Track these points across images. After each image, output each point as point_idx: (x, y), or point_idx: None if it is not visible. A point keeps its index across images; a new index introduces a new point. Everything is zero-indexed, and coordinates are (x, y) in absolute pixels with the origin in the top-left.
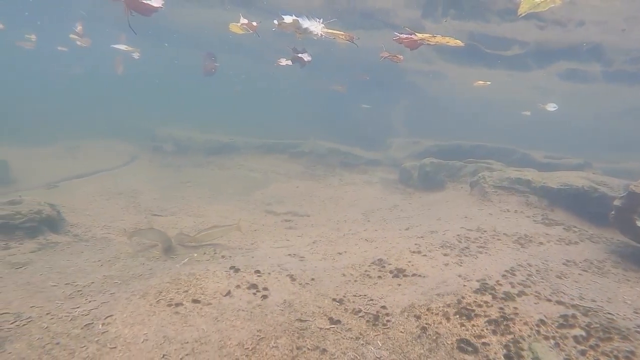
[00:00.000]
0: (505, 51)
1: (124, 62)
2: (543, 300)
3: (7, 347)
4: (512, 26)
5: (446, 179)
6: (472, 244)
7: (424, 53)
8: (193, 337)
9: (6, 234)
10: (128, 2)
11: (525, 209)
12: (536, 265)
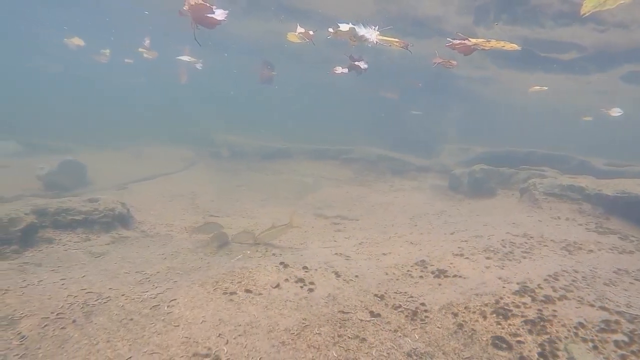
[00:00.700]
0: (561, 54)
1: (187, 72)
2: (585, 305)
3: (93, 319)
4: (568, 30)
5: (496, 185)
6: (517, 249)
7: (476, 59)
8: (245, 321)
9: (87, 227)
10: (194, 16)
11: (578, 216)
12: (583, 272)
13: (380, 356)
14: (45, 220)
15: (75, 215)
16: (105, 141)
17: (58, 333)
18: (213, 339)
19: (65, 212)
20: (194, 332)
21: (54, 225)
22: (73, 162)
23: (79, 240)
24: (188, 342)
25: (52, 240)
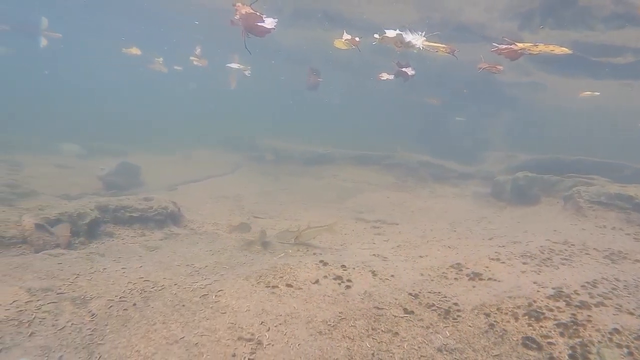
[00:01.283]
0: (614, 58)
1: (236, 79)
2: (624, 313)
3: (150, 303)
4: (622, 33)
5: (541, 193)
6: (556, 255)
7: (522, 64)
8: (285, 311)
9: (142, 223)
10: (245, 25)
11: (626, 226)
12: (625, 280)
13: (412, 349)
14: (107, 216)
15: (133, 213)
16: (157, 145)
17: (121, 313)
18: (256, 325)
19: (124, 209)
20: (239, 319)
21: (114, 221)
22: (129, 164)
23: (135, 235)
24: (233, 327)
25: (113, 234)
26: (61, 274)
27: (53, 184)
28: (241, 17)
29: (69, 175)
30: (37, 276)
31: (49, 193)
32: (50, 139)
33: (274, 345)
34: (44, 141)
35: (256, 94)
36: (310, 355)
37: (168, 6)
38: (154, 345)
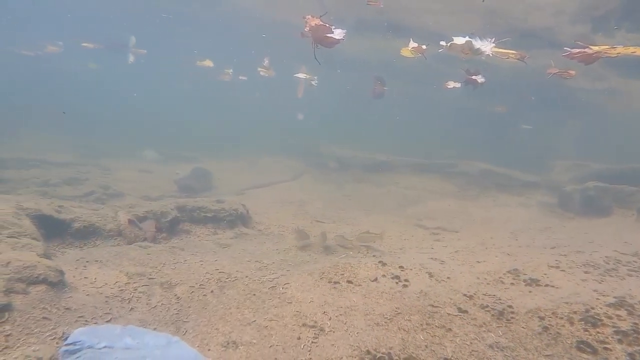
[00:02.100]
0: None
1: (303, 89)
2: None
3: (225, 292)
4: None
5: (612, 204)
6: (623, 266)
7: (595, 69)
8: (345, 304)
9: (215, 223)
10: (314, 37)
11: None
12: None
13: (464, 344)
14: (185, 215)
15: (207, 213)
16: (225, 152)
17: (201, 298)
18: (319, 315)
19: (199, 210)
20: (303, 308)
21: (191, 220)
22: (201, 169)
23: (209, 233)
24: (298, 315)
25: (190, 231)
26: (150, 262)
27: (136, 186)
28: (311, 29)
29: (149, 179)
30: (132, 263)
31: (133, 194)
32: (132, 146)
33: (335, 332)
34: (127, 148)
35: (320, 103)
36: (368, 342)
37: (238, 21)
38: (230, 325)
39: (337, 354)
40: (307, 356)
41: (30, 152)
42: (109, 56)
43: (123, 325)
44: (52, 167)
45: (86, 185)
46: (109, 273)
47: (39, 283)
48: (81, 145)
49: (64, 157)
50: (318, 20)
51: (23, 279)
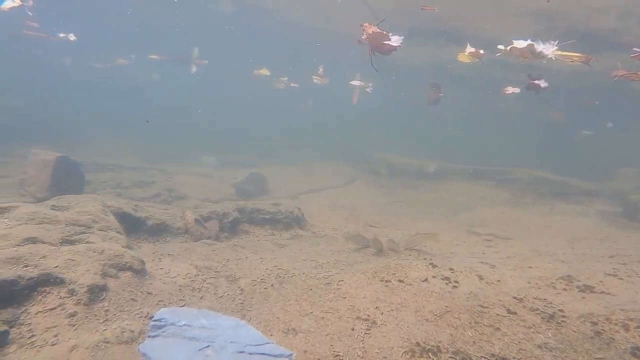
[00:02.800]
0: None
1: (359, 95)
2: None
3: (284, 286)
4: None
5: None
6: None
7: None
8: (397, 301)
9: (272, 225)
10: (372, 44)
11: None
12: None
13: (512, 342)
14: (244, 216)
15: (265, 215)
16: (280, 158)
17: (262, 291)
18: (371, 309)
19: (257, 212)
20: (356, 303)
21: (250, 221)
22: (257, 174)
23: (266, 234)
24: (352, 309)
25: (248, 232)
26: (216, 257)
27: (197, 189)
28: (368, 36)
29: (209, 183)
30: (199, 257)
31: (194, 197)
32: (193, 152)
33: (386, 325)
34: (188, 154)
35: (374, 110)
36: (418, 335)
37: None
38: (289, 315)
39: (389, 344)
40: (361, 345)
41: (105, 156)
42: (172, 67)
43: (198, 309)
44: (123, 171)
45: (153, 188)
46: (181, 265)
47: (126, 270)
48: (147, 150)
49: (132, 161)
50: (375, 27)
51: (114, 265)
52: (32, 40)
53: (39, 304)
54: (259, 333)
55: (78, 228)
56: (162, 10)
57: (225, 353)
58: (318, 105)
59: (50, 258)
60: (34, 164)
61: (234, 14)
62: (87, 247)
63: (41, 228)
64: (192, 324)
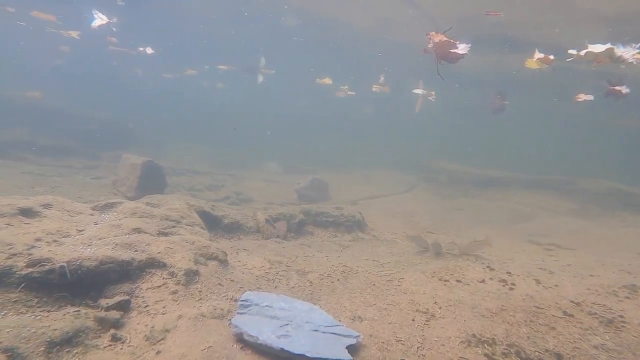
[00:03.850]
0: None
1: (421, 104)
2: None
3: (349, 280)
4: None
5: None
6: None
7: None
8: (454, 298)
9: (335, 227)
10: (438, 52)
11: None
12: None
13: (566, 341)
14: (309, 219)
15: (328, 218)
16: (339, 165)
17: (329, 284)
18: (430, 304)
19: (321, 215)
20: (416, 298)
21: (314, 223)
22: (319, 180)
23: (330, 235)
24: (412, 303)
25: (313, 233)
26: (286, 254)
27: (262, 193)
28: (435, 45)
29: (272, 188)
30: (271, 253)
31: (260, 200)
32: (256, 158)
33: (444, 319)
34: (252, 160)
35: (435, 118)
36: (474, 328)
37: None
38: (355, 305)
39: (446, 334)
40: (420, 333)
41: (178, 161)
42: (236, 77)
43: (277, 294)
44: (195, 175)
45: (223, 191)
46: (255, 259)
47: (212, 259)
48: (214, 156)
49: (202, 166)
50: (442, 36)
51: (203, 254)
52: (118, 55)
53: (148, 282)
54: (330, 316)
55: (170, 222)
56: (231, 23)
57: (302, 330)
58: (377, 113)
59: (153, 245)
60: (124, 167)
61: (298, 26)
62: (180, 238)
63: (142, 221)
64: (272, 305)
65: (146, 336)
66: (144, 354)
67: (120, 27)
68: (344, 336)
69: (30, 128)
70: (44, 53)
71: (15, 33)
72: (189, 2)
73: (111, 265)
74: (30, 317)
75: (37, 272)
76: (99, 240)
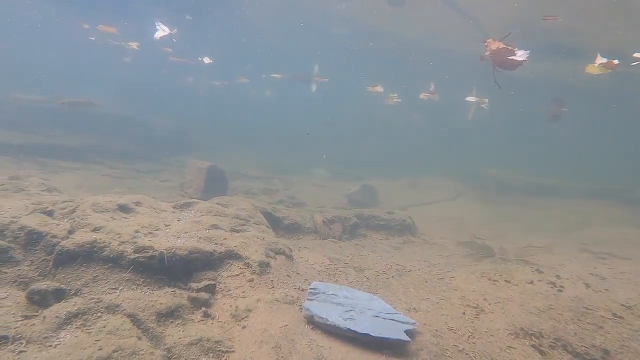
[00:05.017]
0: None
1: (474, 111)
2: None
3: (403, 278)
4: None
5: None
6: None
7: None
8: (503, 296)
9: (387, 230)
10: (496, 60)
11: None
12: None
13: (615, 340)
14: (362, 222)
15: (380, 221)
16: (388, 171)
17: (385, 280)
18: (480, 300)
19: (374, 218)
20: (466, 294)
21: (366, 226)
22: (368, 186)
23: (382, 238)
24: (463, 298)
25: (366, 235)
26: (343, 253)
27: (313, 198)
28: (492, 52)
29: (323, 192)
30: (330, 251)
31: (312, 204)
32: (305, 164)
33: (493, 313)
34: (301, 166)
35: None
36: (522, 323)
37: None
38: (409, 298)
39: (495, 326)
40: (471, 325)
41: (233, 166)
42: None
43: (340, 285)
44: (250, 179)
45: (277, 195)
46: (316, 256)
47: (280, 254)
48: (263, 161)
49: (256, 171)
50: (500, 43)
51: (272, 249)
52: (170, 65)
53: (227, 270)
54: (388, 305)
55: (240, 221)
56: (284, 34)
57: (364, 315)
58: (425, 120)
59: (229, 240)
60: (191, 171)
61: (351, 36)
62: (252, 235)
63: (217, 219)
64: (337, 294)
65: (232, 314)
66: (232, 328)
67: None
68: (401, 322)
69: (103, 134)
70: (114, 64)
71: (90, 47)
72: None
73: (198, 255)
74: (140, 292)
75: (142, 257)
76: (185, 234)
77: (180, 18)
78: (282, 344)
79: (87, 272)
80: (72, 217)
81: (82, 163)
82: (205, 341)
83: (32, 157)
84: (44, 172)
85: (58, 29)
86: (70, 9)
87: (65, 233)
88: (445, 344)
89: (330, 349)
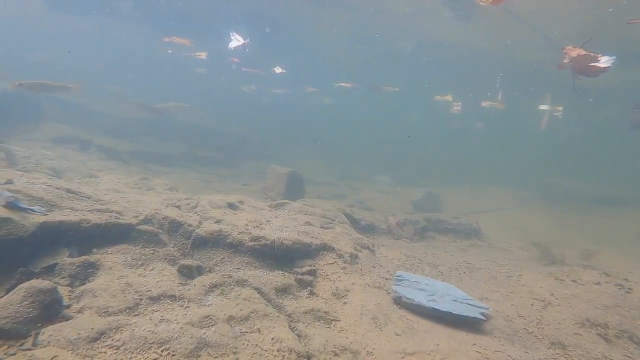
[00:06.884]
0: None
1: (547, 119)
2: None
3: (474, 274)
4: None
5: None
6: None
7: None
8: (569, 293)
9: (453, 234)
10: (576, 67)
11: None
12: None
13: None
14: (430, 225)
15: (448, 225)
16: (450, 178)
17: (457, 275)
18: (547, 295)
19: (441, 222)
20: (534, 290)
21: (434, 230)
22: (433, 193)
23: (449, 241)
24: (531, 293)
25: (434, 238)
26: (416, 251)
27: (380, 203)
28: (572, 59)
29: (389, 199)
30: (405, 249)
31: (380, 209)
32: (370, 171)
33: (560, 306)
34: (366, 173)
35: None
36: (588, 315)
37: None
38: (481, 290)
39: (562, 317)
40: (539, 314)
41: (303, 173)
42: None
43: (420, 275)
44: (319, 185)
45: (347, 200)
46: (393, 253)
47: (365, 248)
48: (327, 167)
49: (321, 177)
50: (581, 50)
51: (359, 244)
52: (229, 74)
53: (323, 260)
54: (464, 293)
55: (326, 219)
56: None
57: (445, 299)
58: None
59: (322, 235)
60: (272, 176)
61: (418, 49)
62: (340, 231)
63: (309, 217)
64: (419, 282)
65: (333, 293)
66: (334, 303)
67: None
68: (476, 307)
69: (190, 143)
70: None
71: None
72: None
73: (299, 245)
74: (259, 272)
75: (257, 245)
76: (285, 228)
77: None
78: (378, 316)
79: (216, 255)
80: (195, 211)
81: (173, 168)
82: (317, 311)
83: (138, 162)
84: (150, 175)
85: (144, 48)
86: (160, 32)
87: (198, 223)
88: (516, 327)
89: (418, 322)
